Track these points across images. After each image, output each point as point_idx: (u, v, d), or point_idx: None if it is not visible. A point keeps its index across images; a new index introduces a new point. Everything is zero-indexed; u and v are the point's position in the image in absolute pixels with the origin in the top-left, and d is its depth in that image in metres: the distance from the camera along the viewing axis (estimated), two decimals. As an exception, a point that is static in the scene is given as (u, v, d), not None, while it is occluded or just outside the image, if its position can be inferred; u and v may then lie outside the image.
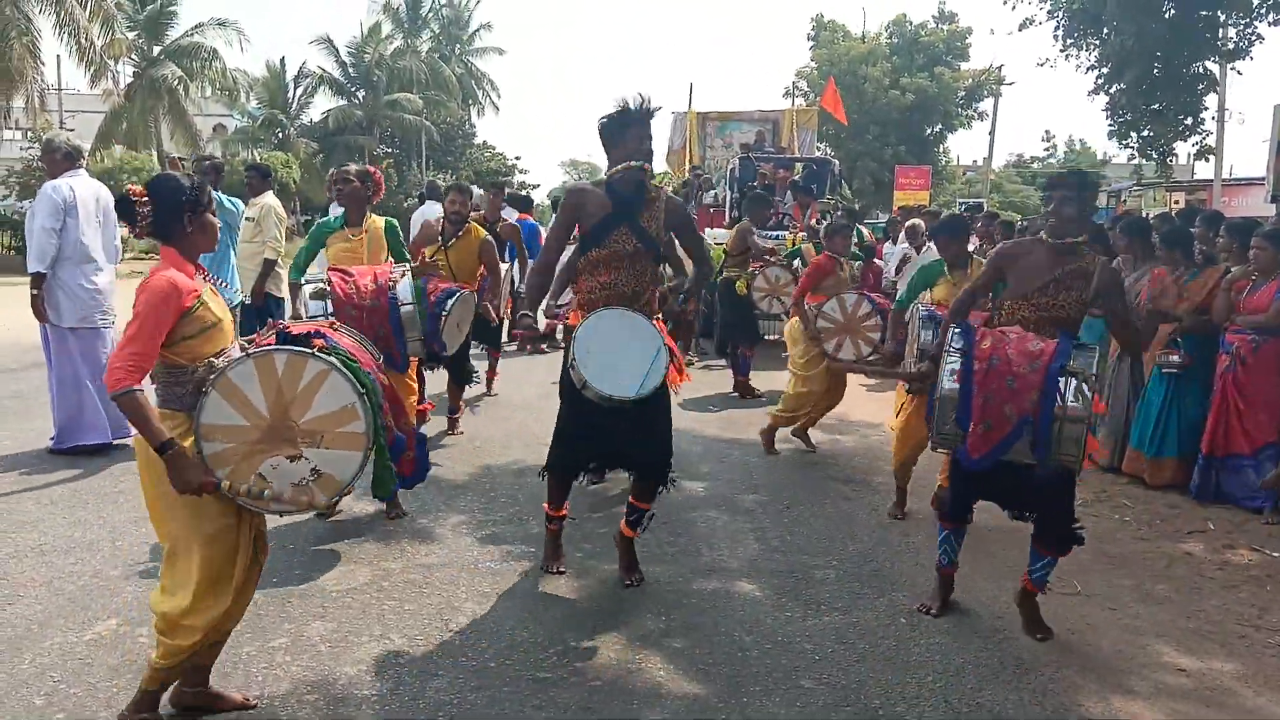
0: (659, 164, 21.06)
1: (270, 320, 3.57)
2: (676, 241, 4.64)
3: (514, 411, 8.54)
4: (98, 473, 6.15)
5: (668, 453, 4.53)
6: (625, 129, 4.25)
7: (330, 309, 5.08)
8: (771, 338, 13.12)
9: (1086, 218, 4.07)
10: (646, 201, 4.34)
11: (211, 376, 3.02)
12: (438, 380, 7.36)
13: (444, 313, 5.70)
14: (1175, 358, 6.37)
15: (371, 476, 3.49)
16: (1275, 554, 5.32)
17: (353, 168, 5.92)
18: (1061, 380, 3.73)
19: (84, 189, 6.48)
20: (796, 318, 7.20)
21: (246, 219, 8.30)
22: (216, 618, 3.13)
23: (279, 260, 8.32)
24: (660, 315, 4.50)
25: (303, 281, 5.37)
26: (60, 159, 6.40)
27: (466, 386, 7.48)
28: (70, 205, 6.33)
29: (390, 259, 5.85)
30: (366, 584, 4.53)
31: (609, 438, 4.40)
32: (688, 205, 15.87)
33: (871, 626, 4.24)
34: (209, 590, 3.10)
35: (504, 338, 9.10)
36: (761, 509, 5.94)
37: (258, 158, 35.87)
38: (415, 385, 6.01)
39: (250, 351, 3.08)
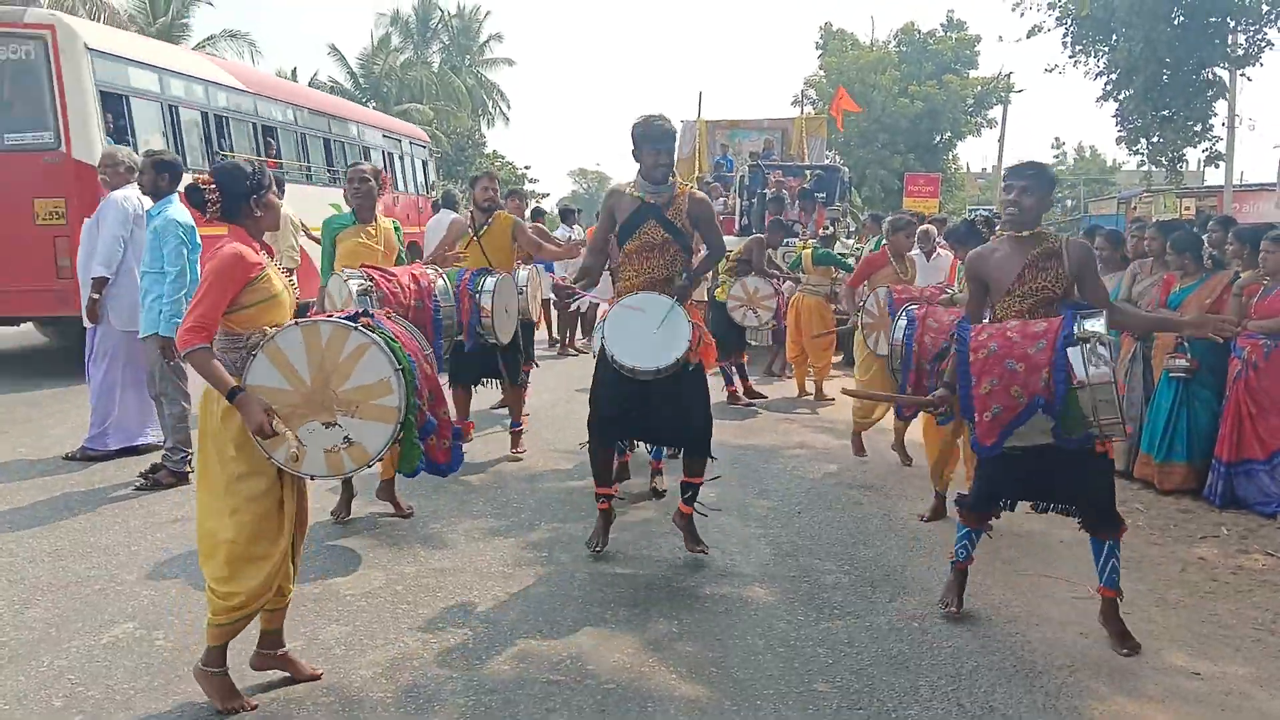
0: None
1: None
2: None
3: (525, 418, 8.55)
4: (113, 479, 6.20)
5: (706, 429, 4.92)
6: (641, 145, 4.76)
7: (378, 306, 5.13)
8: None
9: (1044, 208, 4.17)
10: (672, 198, 4.80)
11: (261, 341, 3.23)
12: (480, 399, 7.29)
13: (479, 292, 5.81)
14: (1182, 361, 6.36)
15: (399, 456, 3.57)
16: (1289, 558, 5.31)
17: (366, 166, 5.94)
18: (1074, 351, 3.74)
19: (144, 201, 6.58)
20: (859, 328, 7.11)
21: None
22: (258, 584, 3.31)
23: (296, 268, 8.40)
24: (693, 302, 4.93)
25: (344, 278, 5.32)
26: (123, 171, 6.57)
27: (526, 388, 7.32)
28: (138, 215, 6.46)
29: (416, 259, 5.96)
30: (380, 588, 4.56)
31: (644, 411, 4.80)
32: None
33: (884, 630, 4.25)
34: (246, 557, 3.29)
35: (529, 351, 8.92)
36: (773, 514, 5.95)
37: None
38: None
39: (299, 321, 3.28)
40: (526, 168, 55.04)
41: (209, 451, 3.32)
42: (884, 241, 7.50)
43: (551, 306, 13.04)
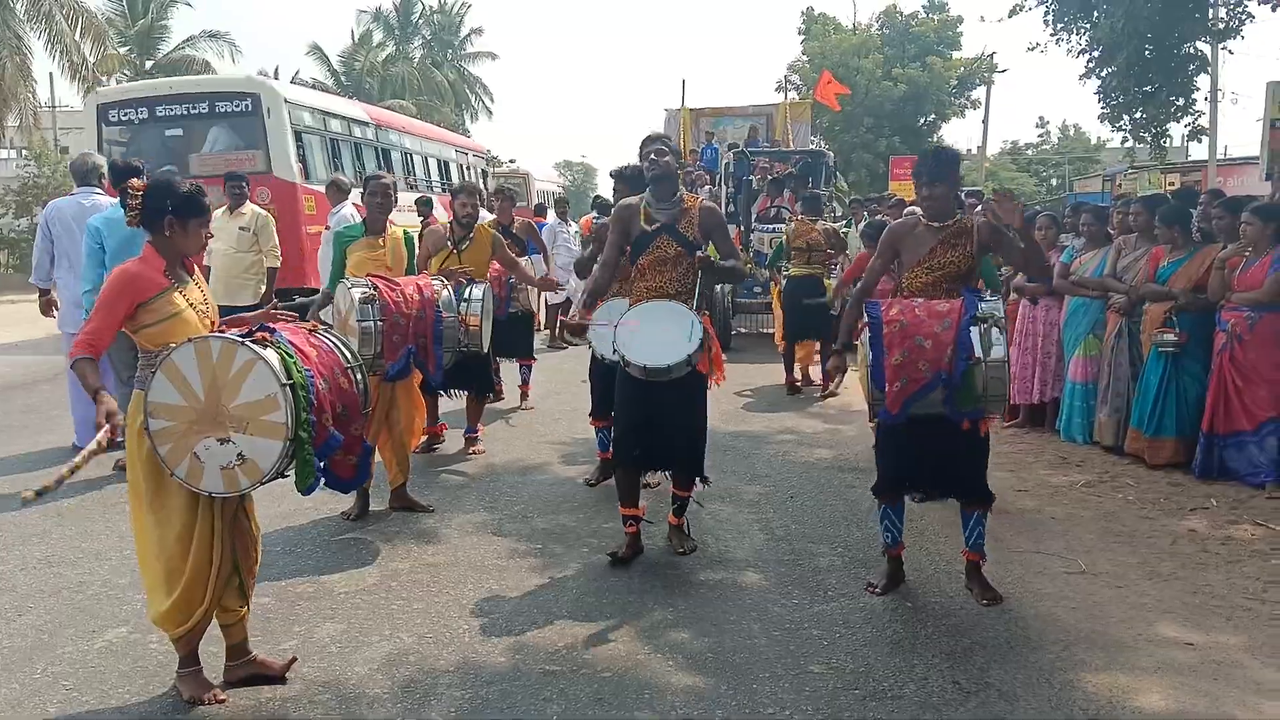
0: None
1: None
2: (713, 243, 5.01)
3: (518, 412, 8.56)
4: (104, 485, 6.17)
5: (697, 449, 4.90)
6: (642, 156, 4.89)
7: (380, 315, 5.12)
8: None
9: (956, 188, 4.46)
10: (683, 210, 4.83)
11: (160, 358, 3.23)
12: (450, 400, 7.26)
13: (465, 301, 5.84)
14: (1170, 336, 6.37)
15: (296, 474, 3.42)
16: (1278, 528, 5.33)
17: (388, 177, 5.89)
18: (974, 330, 4.01)
19: (85, 204, 6.81)
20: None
21: (240, 229, 8.36)
22: (170, 605, 3.34)
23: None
24: (707, 311, 4.88)
25: (349, 285, 5.28)
26: (76, 178, 6.90)
27: (488, 403, 7.45)
28: (66, 222, 6.74)
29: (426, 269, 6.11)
30: (374, 585, 4.56)
31: (653, 425, 4.74)
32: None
33: (878, 611, 4.26)
34: (162, 573, 3.35)
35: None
36: (765, 500, 5.97)
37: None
38: (421, 401, 5.95)
39: (192, 337, 3.26)
40: (511, 161, 54.86)
41: (134, 469, 3.38)
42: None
43: (543, 299, 13.05)
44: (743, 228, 13.09)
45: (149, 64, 32.14)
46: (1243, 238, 6.11)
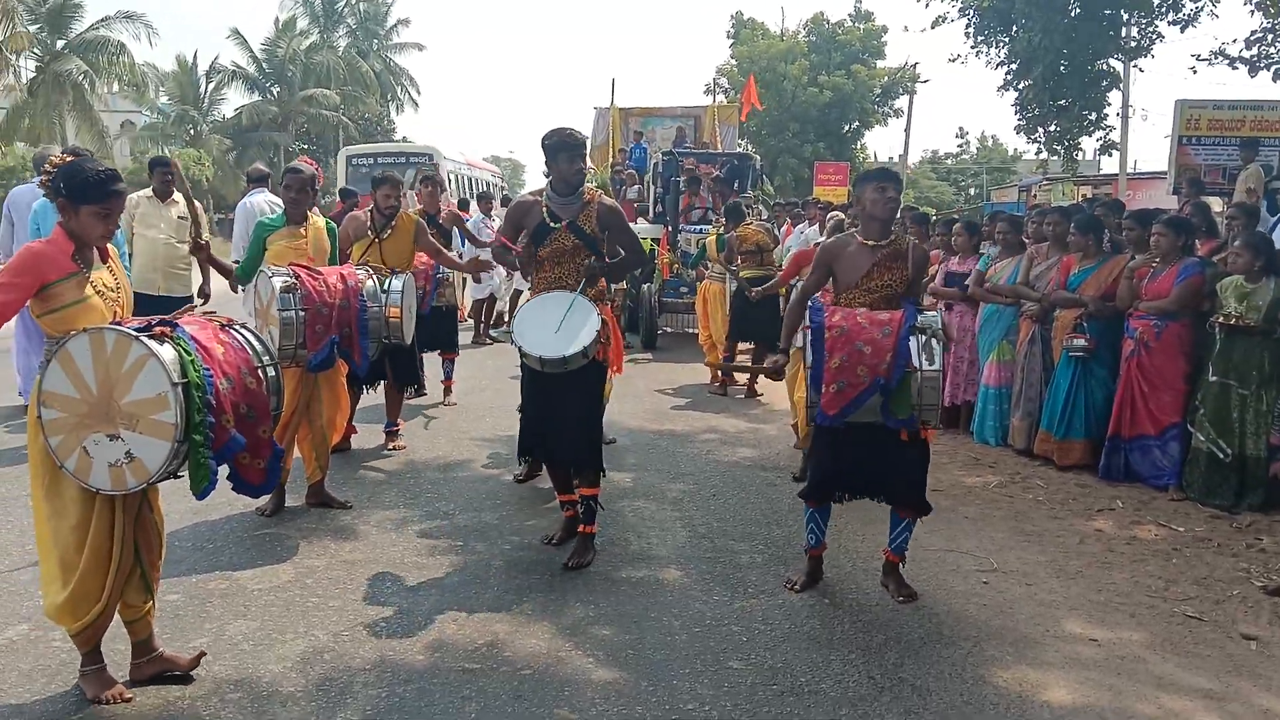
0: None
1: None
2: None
3: (441, 407, 8.47)
4: (7, 478, 5.94)
5: (594, 441, 4.90)
6: (556, 154, 4.79)
7: (302, 305, 5.00)
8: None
9: (896, 209, 4.54)
10: (583, 205, 4.85)
11: (56, 347, 3.14)
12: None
13: (386, 291, 5.75)
14: (1081, 341, 6.58)
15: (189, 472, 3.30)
16: (1180, 529, 5.54)
17: (305, 169, 5.71)
18: (913, 341, 4.10)
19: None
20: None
21: (179, 217, 8.12)
22: (64, 598, 3.23)
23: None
24: (610, 301, 4.98)
25: (270, 274, 5.12)
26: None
27: (409, 396, 7.42)
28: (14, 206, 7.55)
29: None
30: (289, 582, 4.46)
31: (552, 417, 4.77)
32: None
33: (796, 607, 4.32)
34: (59, 566, 3.24)
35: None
36: (688, 498, 6.00)
37: (169, 154, 34.87)
38: (345, 396, 5.83)
39: (88, 327, 3.15)
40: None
41: (34, 457, 3.27)
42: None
43: (468, 294, 12.91)
44: (670, 228, 13.14)
45: (60, 43, 31.05)
46: (1154, 248, 6.32)
